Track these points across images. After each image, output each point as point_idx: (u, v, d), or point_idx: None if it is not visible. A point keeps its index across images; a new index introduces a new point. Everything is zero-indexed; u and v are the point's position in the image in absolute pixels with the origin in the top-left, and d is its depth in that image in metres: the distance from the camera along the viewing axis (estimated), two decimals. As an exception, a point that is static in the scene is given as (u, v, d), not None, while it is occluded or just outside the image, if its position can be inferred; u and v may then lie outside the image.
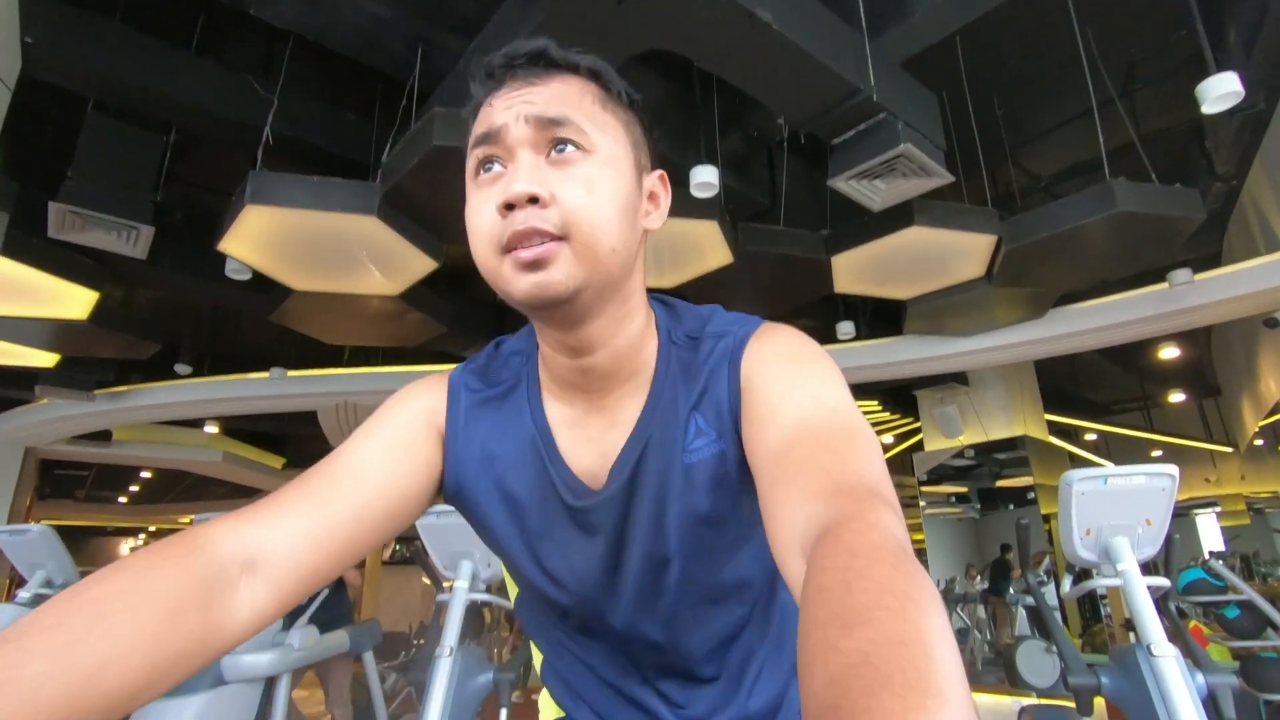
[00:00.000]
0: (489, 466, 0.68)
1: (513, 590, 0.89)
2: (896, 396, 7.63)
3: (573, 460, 0.67)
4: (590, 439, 0.67)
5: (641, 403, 0.66)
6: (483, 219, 0.57)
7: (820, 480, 0.48)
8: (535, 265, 0.54)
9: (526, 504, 0.67)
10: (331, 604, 3.31)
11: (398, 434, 0.66)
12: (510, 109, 0.57)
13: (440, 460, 0.68)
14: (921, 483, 7.49)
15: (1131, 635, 1.85)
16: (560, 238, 0.55)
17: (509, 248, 0.55)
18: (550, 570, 0.68)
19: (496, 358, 0.73)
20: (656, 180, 0.66)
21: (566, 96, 0.58)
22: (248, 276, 3.76)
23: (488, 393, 0.70)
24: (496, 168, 0.57)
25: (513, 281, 0.56)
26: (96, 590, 0.44)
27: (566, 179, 0.56)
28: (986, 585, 6.95)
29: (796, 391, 0.58)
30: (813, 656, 0.32)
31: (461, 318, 5.09)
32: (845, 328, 5.34)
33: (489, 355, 0.74)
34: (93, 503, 12.83)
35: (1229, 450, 9.27)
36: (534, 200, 0.54)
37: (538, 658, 0.84)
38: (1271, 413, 6.14)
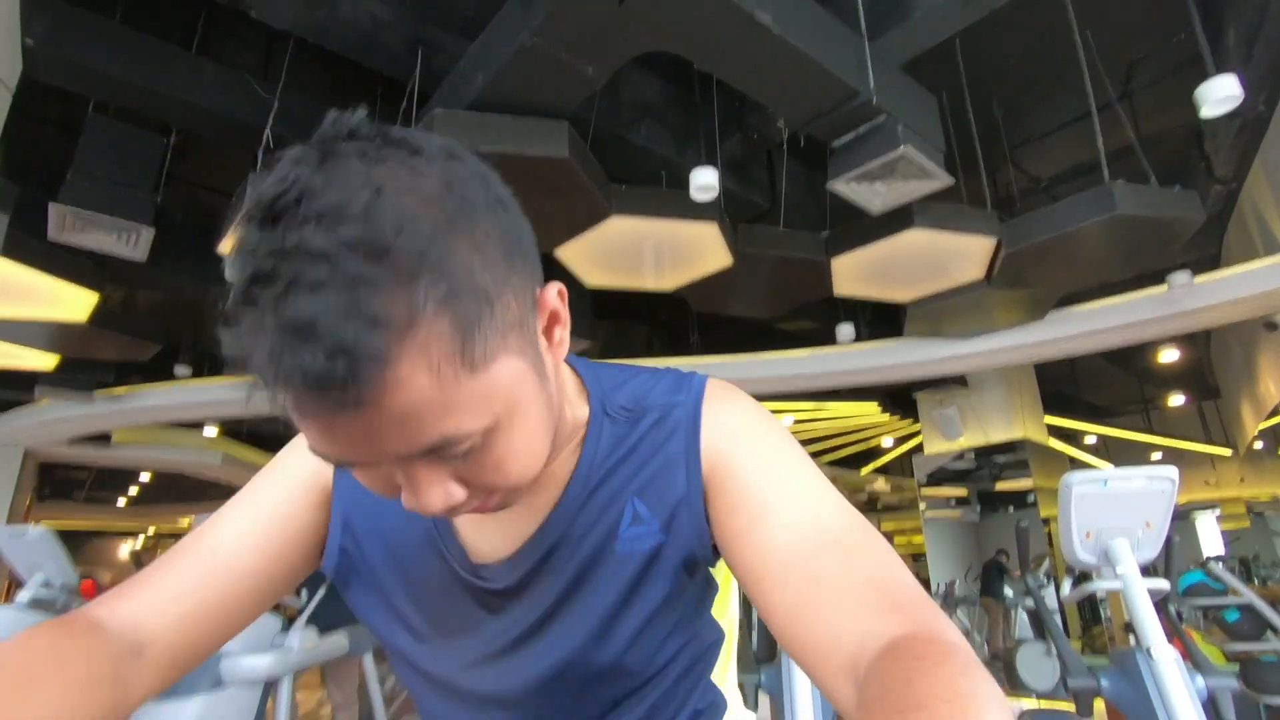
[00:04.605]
0: (372, 534, 0.61)
1: None
2: (896, 399, 7.63)
3: (469, 535, 0.60)
4: (494, 516, 0.58)
5: (564, 477, 0.58)
6: (376, 489, 0.46)
7: (866, 596, 0.44)
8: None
9: (410, 582, 0.61)
10: (333, 595, 3.29)
11: (276, 502, 0.61)
12: (350, 449, 0.39)
13: (324, 523, 0.62)
14: (921, 485, 7.50)
15: (1131, 638, 1.85)
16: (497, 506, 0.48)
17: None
18: (433, 650, 0.63)
19: None
20: (554, 298, 0.49)
21: (416, 406, 0.37)
22: (247, 278, 3.76)
23: None
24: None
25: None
26: (21, 656, 0.45)
27: (473, 470, 0.43)
28: (979, 586, 6.97)
29: (789, 487, 0.53)
30: None
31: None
32: (845, 330, 5.34)
33: None
34: (92, 505, 12.82)
35: (1228, 453, 9.26)
36: (453, 510, 0.45)
37: None
38: (1271, 415, 6.14)
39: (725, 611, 0.78)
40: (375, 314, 0.34)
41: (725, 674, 0.78)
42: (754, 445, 0.56)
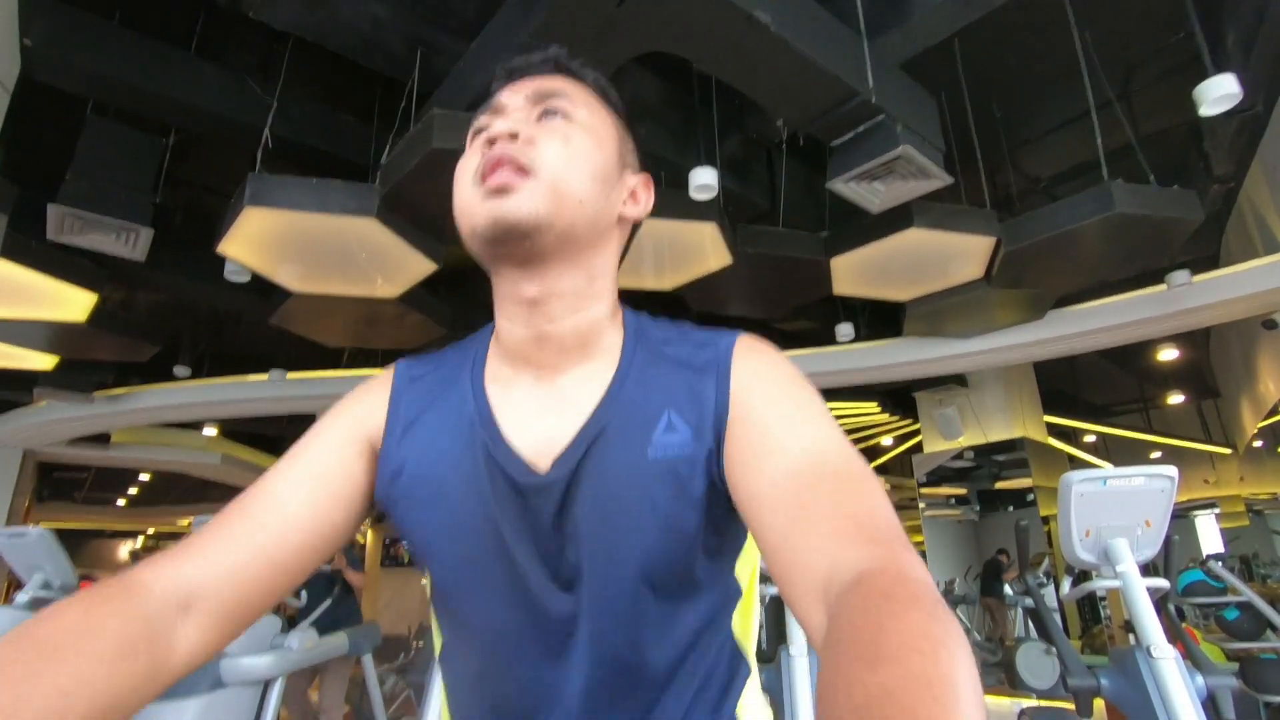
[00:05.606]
0: (425, 459, 0.63)
1: None
2: (896, 398, 7.63)
3: (514, 438, 0.62)
4: (535, 420, 0.62)
5: (602, 388, 0.62)
6: (468, 162, 0.62)
7: (847, 526, 0.47)
8: (501, 191, 0.57)
9: (458, 495, 0.62)
10: (340, 603, 3.32)
11: (325, 458, 0.64)
12: (514, 92, 0.65)
13: (370, 475, 0.65)
14: (920, 484, 7.50)
15: (1131, 637, 1.85)
16: (528, 172, 0.58)
17: (482, 177, 0.59)
18: (476, 564, 0.62)
19: (456, 345, 0.72)
20: (640, 182, 0.70)
21: (566, 87, 0.65)
22: (247, 278, 3.76)
23: (430, 376, 0.69)
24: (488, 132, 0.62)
25: (478, 211, 0.58)
26: (45, 629, 0.44)
27: (547, 131, 0.61)
28: (979, 585, 6.97)
29: (799, 422, 0.56)
30: (834, 689, 0.32)
31: (461, 320, 5.09)
32: (844, 329, 5.34)
33: (453, 345, 0.73)
34: (91, 505, 12.81)
35: (1228, 452, 9.28)
36: (513, 136, 0.59)
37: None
38: (1270, 414, 6.15)
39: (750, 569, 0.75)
40: (575, 67, 0.68)
41: (750, 634, 0.76)
42: (774, 386, 0.60)
